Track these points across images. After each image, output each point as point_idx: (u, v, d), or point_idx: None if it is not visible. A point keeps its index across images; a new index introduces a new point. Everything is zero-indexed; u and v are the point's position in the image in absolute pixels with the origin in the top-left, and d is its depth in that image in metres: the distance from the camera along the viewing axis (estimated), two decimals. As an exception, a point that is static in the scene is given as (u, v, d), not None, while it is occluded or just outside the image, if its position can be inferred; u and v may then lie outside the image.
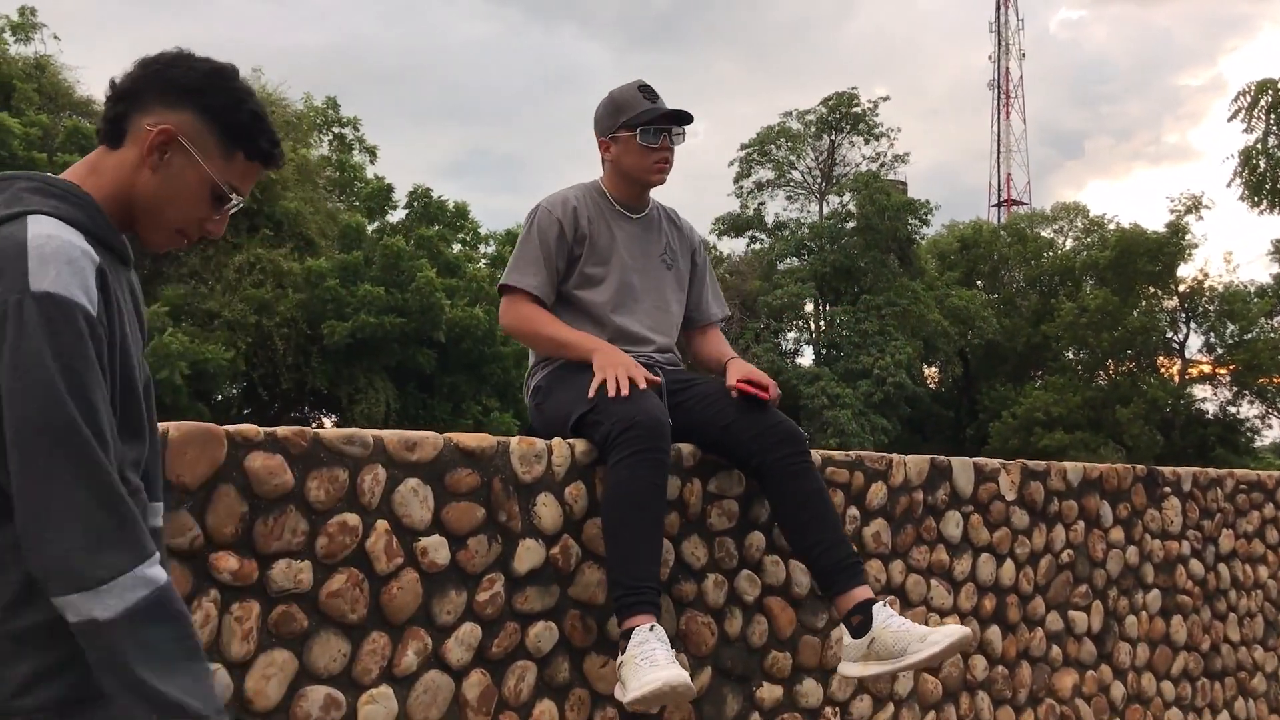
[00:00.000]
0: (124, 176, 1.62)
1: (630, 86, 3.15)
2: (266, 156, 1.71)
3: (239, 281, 19.90)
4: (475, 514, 2.61)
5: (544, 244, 3.07)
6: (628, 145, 3.10)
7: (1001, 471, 3.76)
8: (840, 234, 35.96)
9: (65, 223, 1.50)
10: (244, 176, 1.70)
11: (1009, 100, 77.24)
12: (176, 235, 1.70)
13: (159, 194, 1.63)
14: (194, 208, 1.66)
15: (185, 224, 1.68)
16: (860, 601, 2.75)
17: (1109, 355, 36.75)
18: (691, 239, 3.37)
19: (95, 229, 1.55)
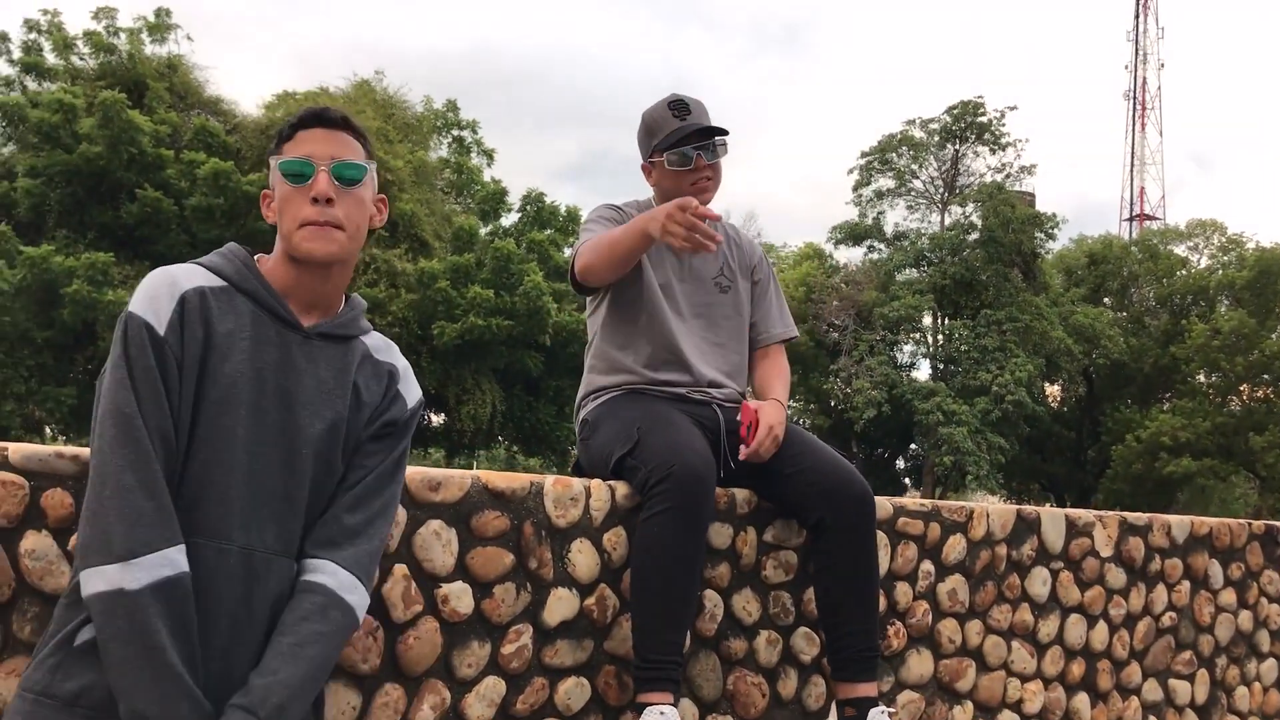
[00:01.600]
0: (278, 246, 1.87)
1: (661, 105, 2.93)
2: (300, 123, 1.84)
3: (354, 281, 20.22)
4: (503, 560, 2.44)
5: (607, 221, 2.89)
6: (663, 170, 2.90)
7: (1097, 525, 3.45)
8: (962, 246, 35.08)
9: (206, 268, 1.80)
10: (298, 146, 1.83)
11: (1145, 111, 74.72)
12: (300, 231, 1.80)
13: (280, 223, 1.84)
14: (289, 202, 1.82)
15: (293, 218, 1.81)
16: (861, 698, 2.61)
17: (1243, 380, 35.15)
18: (752, 256, 3.12)
19: (239, 280, 1.80)
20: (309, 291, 1.84)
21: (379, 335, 1.99)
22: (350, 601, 1.78)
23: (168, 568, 1.61)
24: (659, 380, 2.86)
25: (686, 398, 2.85)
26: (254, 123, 21.97)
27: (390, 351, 1.99)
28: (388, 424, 1.90)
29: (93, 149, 19.09)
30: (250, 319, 1.77)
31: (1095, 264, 40.19)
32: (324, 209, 1.80)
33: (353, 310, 1.93)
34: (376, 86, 24.28)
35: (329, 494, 1.83)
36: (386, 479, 1.89)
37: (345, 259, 1.85)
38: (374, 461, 1.88)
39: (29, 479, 1.95)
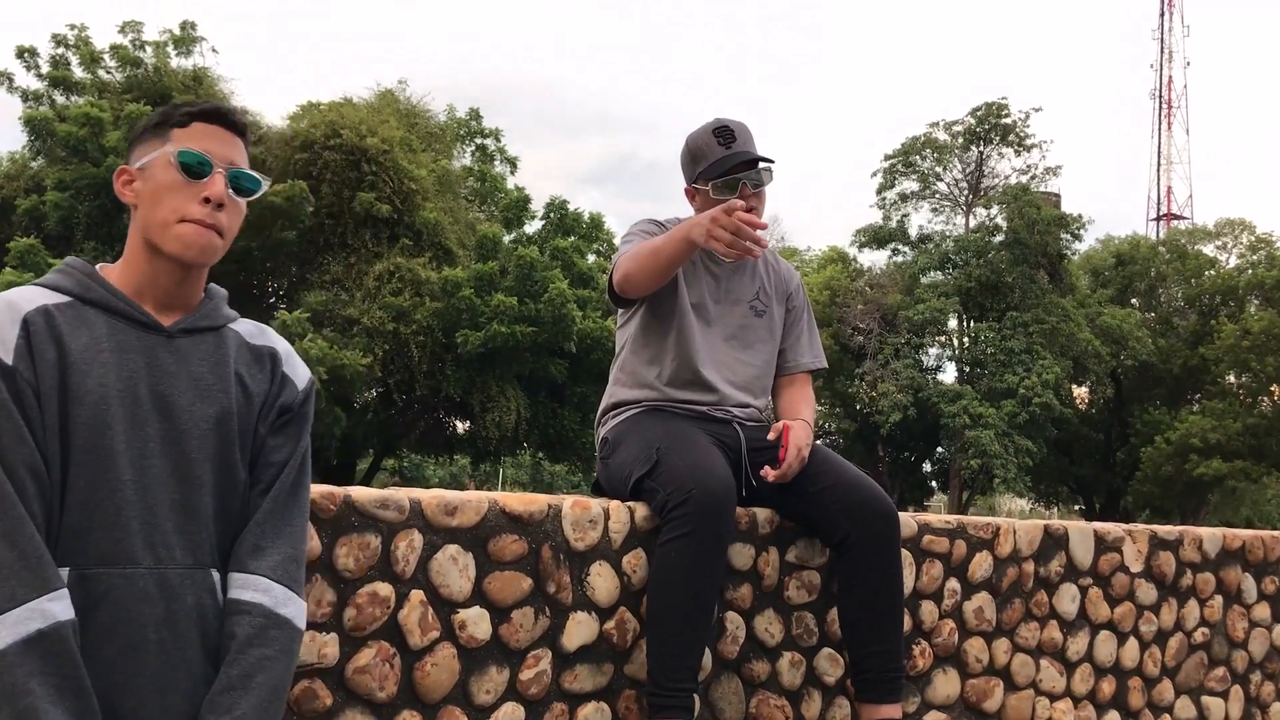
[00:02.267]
0: (131, 235, 1.74)
1: (705, 131, 2.86)
2: (200, 115, 1.75)
3: (379, 290, 20.27)
4: (521, 584, 2.41)
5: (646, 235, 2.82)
6: (707, 197, 2.83)
7: (1126, 540, 3.39)
8: (987, 248, 34.88)
9: (45, 288, 1.70)
10: (195, 137, 1.73)
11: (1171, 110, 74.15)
12: (178, 227, 1.69)
13: (146, 212, 1.72)
14: (170, 193, 1.71)
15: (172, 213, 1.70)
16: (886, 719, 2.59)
17: (1274, 380, 34.76)
18: (789, 282, 3.08)
19: (82, 292, 1.69)
20: (165, 291, 1.73)
21: (250, 321, 1.88)
22: (287, 615, 1.70)
23: (37, 620, 1.49)
24: (682, 399, 2.82)
25: (709, 415, 2.81)
26: (279, 134, 22.06)
27: (266, 335, 1.87)
28: (283, 411, 1.80)
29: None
30: (106, 329, 1.66)
31: (1122, 265, 39.86)
32: (213, 212, 1.70)
33: (213, 300, 1.81)
34: (400, 95, 24.40)
35: (238, 496, 1.74)
36: (299, 473, 1.80)
37: (211, 263, 1.75)
38: (281, 456, 1.78)
39: None
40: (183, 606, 1.64)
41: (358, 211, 20.63)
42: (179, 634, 1.63)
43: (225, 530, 1.73)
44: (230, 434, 1.72)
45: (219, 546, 1.72)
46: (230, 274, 20.95)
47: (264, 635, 1.66)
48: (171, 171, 1.71)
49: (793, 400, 2.98)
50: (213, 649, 1.67)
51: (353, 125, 20.85)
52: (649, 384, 2.85)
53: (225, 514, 1.73)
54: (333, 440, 20.00)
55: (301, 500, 1.80)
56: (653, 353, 2.86)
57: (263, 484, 1.76)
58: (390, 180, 20.69)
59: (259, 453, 1.77)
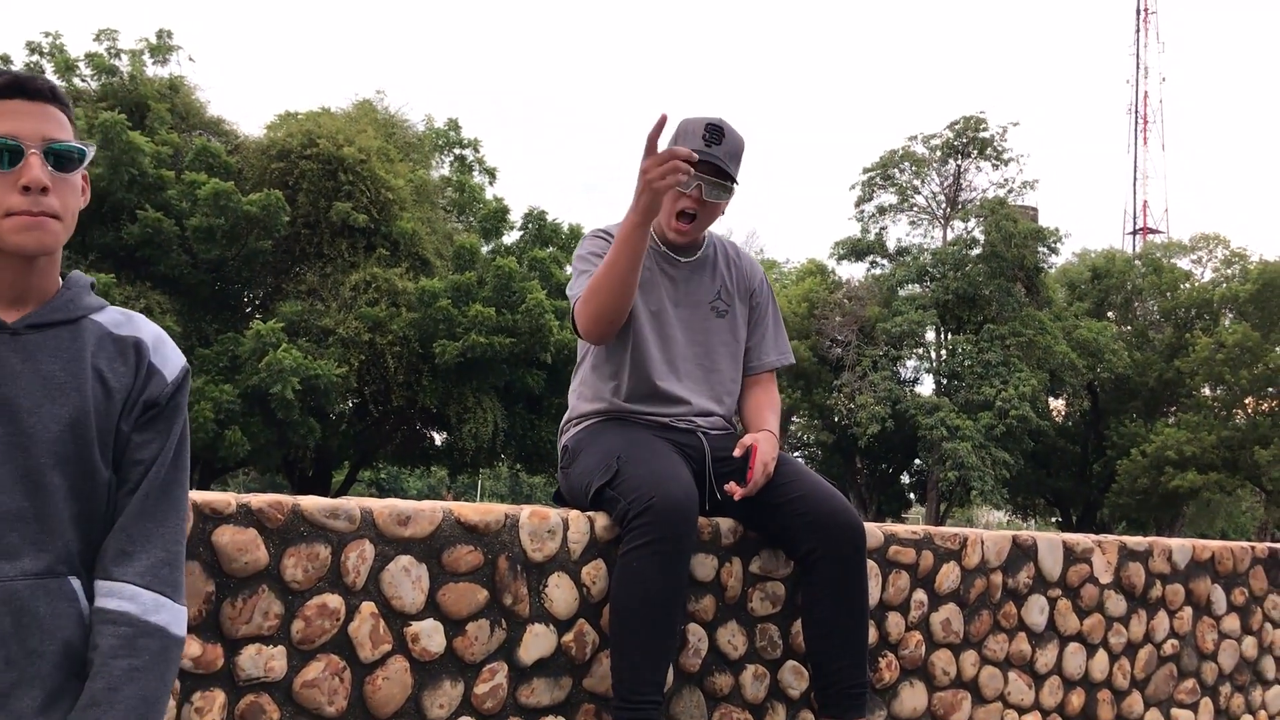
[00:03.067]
0: None
1: (699, 123, 2.77)
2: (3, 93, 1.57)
3: (355, 300, 20.15)
4: (476, 596, 2.36)
5: (596, 256, 2.78)
6: None
7: (1095, 551, 3.36)
8: (964, 261, 35.03)
9: None
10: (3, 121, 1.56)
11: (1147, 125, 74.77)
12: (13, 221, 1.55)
13: None
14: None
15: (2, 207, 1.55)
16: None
17: (1248, 393, 34.99)
18: (753, 278, 3.02)
19: None
20: (10, 286, 1.59)
21: (118, 310, 1.72)
22: (159, 623, 1.57)
23: None
24: (643, 409, 2.77)
25: (671, 425, 2.76)
26: (255, 143, 21.97)
27: (134, 324, 1.71)
28: (149, 405, 1.65)
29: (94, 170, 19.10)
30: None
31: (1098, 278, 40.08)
32: (38, 198, 1.55)
33: (71, 289, 1.66)
34: (378, 105, 24.32)
35: (101, 499, 1.61)
36: (170, 469, 1.66)
37: (58, 250, 1.62)
38: (149, 453, 1.63)
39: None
40: (34, 618, 1.52)
41: (334, 221, 20.51)
42: (30, 649, 1.51)
43: (88, 536, 1.60)
44: (87, 434, 1.59)
45: (81, 553, 1.59)
46: (206, 283, 20.82)
47: (132, 645, 1.54)
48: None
49: (758, 404, 2.93)
50: (77, 661, 1.55)
51: (330, 135, 20.76)
52: (610, 394, 2.80)
53: (87, 519, 1.60)
54: (308, 451, 19.86)
55: (175, 499, 1.66)
56: (612, 368, 2.80)
57: (129, 484, 1.62)
58: (367, 190, 20.59)
59: (123, 451, 1.64)
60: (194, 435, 18.26)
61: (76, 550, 1.58)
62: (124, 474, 1.63)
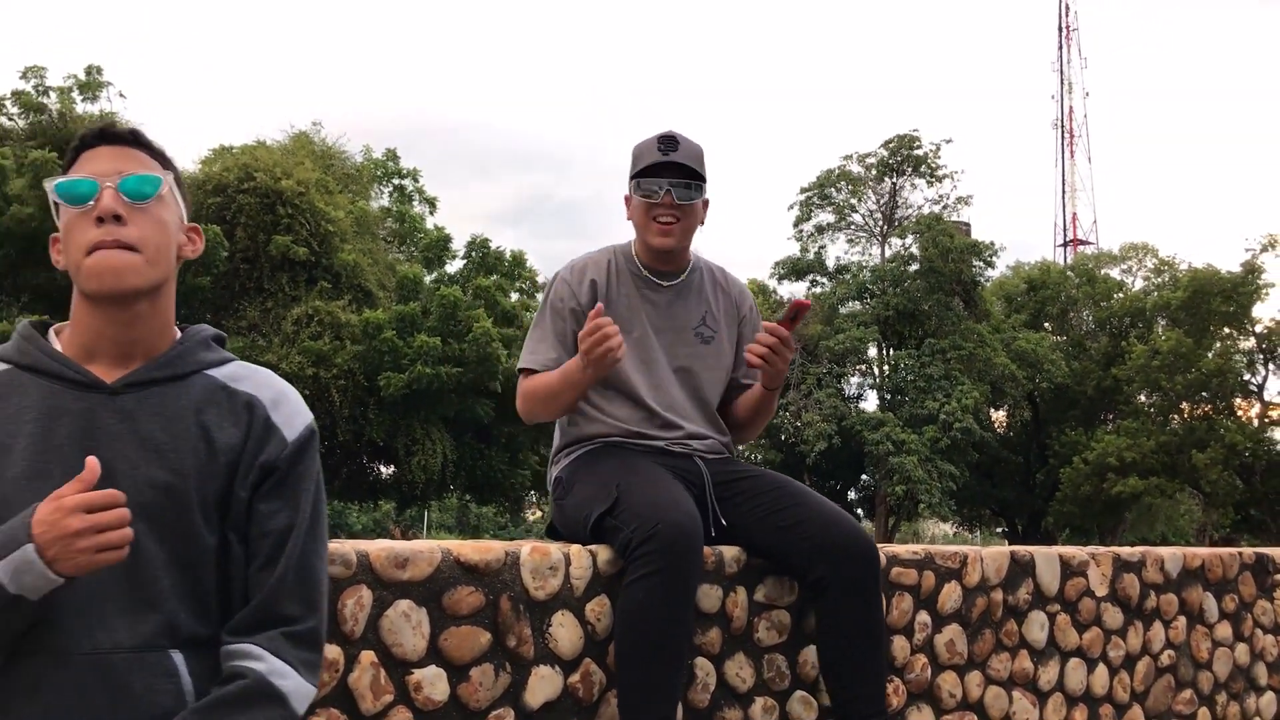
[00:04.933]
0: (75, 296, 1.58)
1: (651, 138, 2.75)
2: (83, 146, 1.61)
3: (297, 334, 19.85)
4: (479, 639, 2.25)
5: (556, 318, 2.73)
6: (634, 201, 2.74)
7: (1091, 564, 3.32)
8: (903, 277, 35.44)
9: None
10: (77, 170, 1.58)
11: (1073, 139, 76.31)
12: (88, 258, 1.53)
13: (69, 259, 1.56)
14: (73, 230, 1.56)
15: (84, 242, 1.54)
16: None
17: (1183, 398, 35.67)
18: (741, 302, 2.95)
19: (17, 356, 1.57)
20: (115, 342, 1.55)
21: (242, 365, 1.66)
22: (282, 689, 1.47)
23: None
24: (636, 436, 2.69)
25: (667, 450, 2.68)
26: (190, 178, 21.60)
27: (253, 379, 1.63)
28: (268, 469, 1.56)
29: (24, 210, 18.60)
30: (39, 394, 1.51)
31: (1034, 290, 40.71)
32: (111, 228, 1.51)
33: (184, 344, 1.61)
34: (315, 137, 24.07)
35: (207, 568, 1.52)
36: (307, 540, 1.56)
37: (147, 288, 1.54)
38: (278, 524, 1.55)
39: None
40: (128, 693, 1.42)
41: (274, 255, 20.23)
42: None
43: (196, 609, 1.51)
44: (185, 498, 1.50)
45: (186, 626, 1.50)
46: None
47: (247, 701, 1.44)
48: (65, 210, 1.55)
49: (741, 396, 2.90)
50: None
51: (267, 168, 20.48)
52: (601, 423, 2.72)
53: (192, 590, 1.51)
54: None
55: (314, 574, 1.57)
56: (599, 394, 2.72)
57: (260, 558, 1.54)
58: (307, 223, 20.33)
59: (248, 520, 1.55)
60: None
61: (181, 622, 1.48)
62: (253, 547, 1.54)
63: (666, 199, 2.67)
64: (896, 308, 34.84)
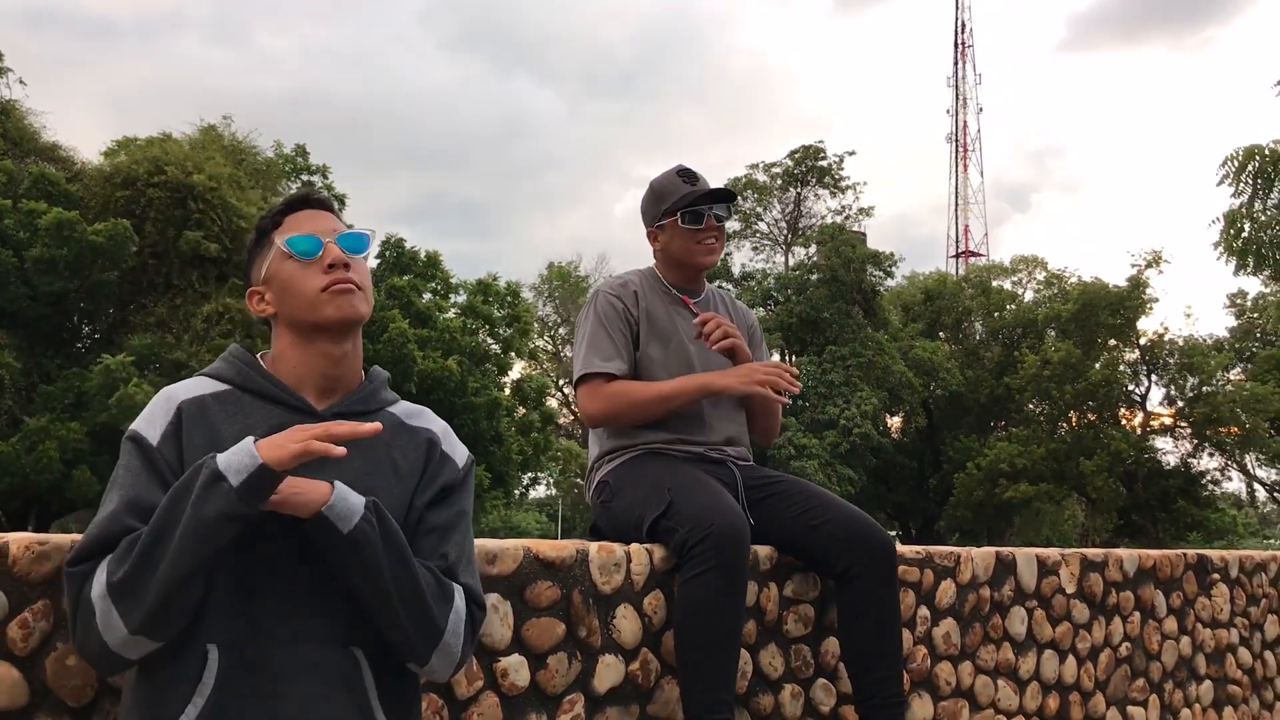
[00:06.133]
0: (277, 334, 1.84)
1: (670, 173, 3.08)
2: (289, 207, 1.86)
3: (207, 331, 19.52)
4: (555, 630, 2.44)
5: (610, 324, 2.95)
6: (674, 231, 3.02)
7: (1062, 564, 3.63)
8: (806, 285, 36.17)
9: (209, 377, 1.80)
10: (293, 227, 1.83)
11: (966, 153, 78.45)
12: (324, 299, 1.76)
13: (286, 309, 1.80)
14: (301, 279, 1.78)
15: (312, 292, 1.77)
16: None
17: (1071, 407, 36.99)
18: (747, 320, 3.24)
19: (241, 380, 1.77)
20: (323, 375, 1.79)
21: (408, 403, 1.92)
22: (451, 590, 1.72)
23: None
24: (676, 443, 2.90)
25: (705, 457, 2.90)
26: (96, 170, 21.07)
27: (424, 416, 1.91)
28: (446, 488, 1.82)
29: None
30: (261, 415, 1.72)
31: (930, 300, 41.83)
32: (340, 272, 1.78)
33: (373, 383, 1.87)
34: (224, 132, 23.66)
35: None
36: (470, 532, 1.84)
37: (367, 318, 1.83)
38: (447, 519, 1.79)
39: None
40: (327, 680, 1.63)
41: (184, 250, 19.87)
42: (322, 712, 1.62)
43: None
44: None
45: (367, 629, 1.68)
46: (46, 317, 19.87)
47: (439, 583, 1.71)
48: (289, 261, 1.79)
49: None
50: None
51: (178, 162, 20.10)
52: (638, 434, 2.92)
53: None
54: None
55: (473, 554, 1.83)
56: None
57: (432, 549, 1.75)
58: (218, 218, 20.02)
59: (419, 525, 1.77)
60: (39, 476, 17.40)
61: (361, 625, 1.67)
62: (423, 542, 1.76)
63: (709, 223, 2.94)
64: (799, 315, 35.55)
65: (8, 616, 1.81)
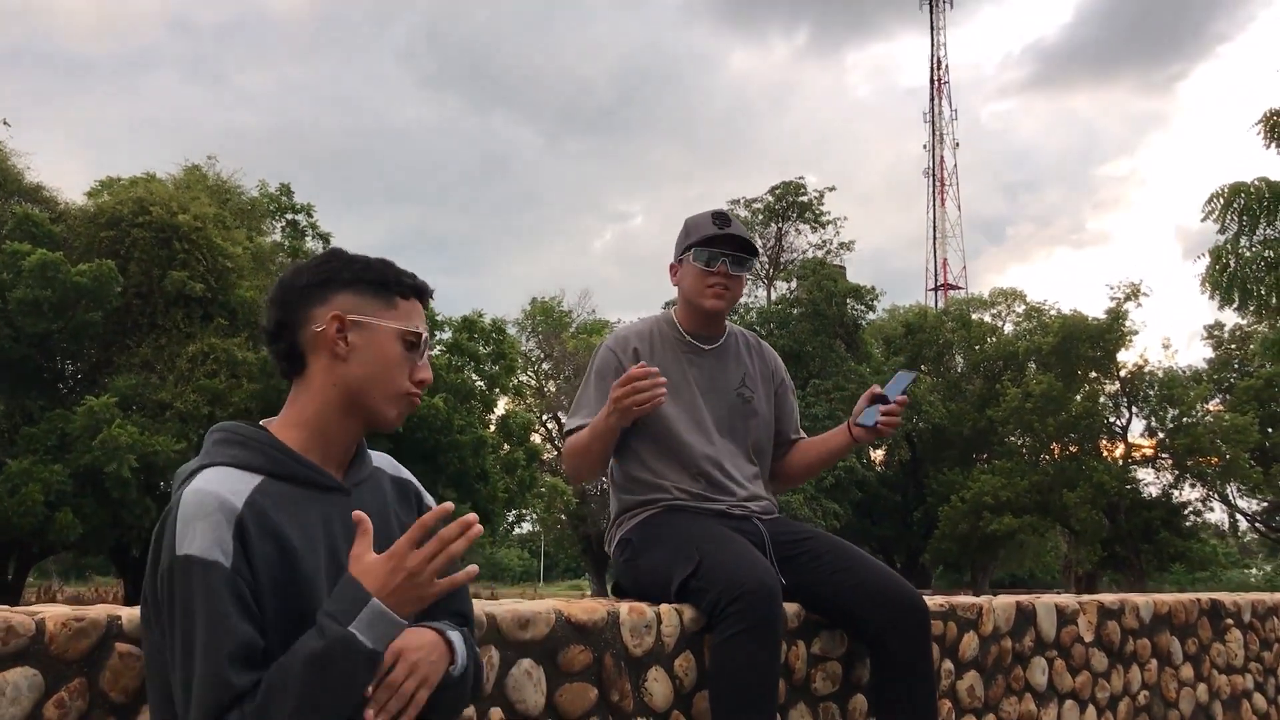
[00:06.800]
0: (320, 389, 1.70)
1: (705, 213, 3.03)
2: (418, 290, 1.79)
3: (192, 372, 19.39)
4: (588, 695, 2.41)
5: (600, 383, 2.92)
6: (688, 269, 2.98)
7: (1080, 612, 3.62)
8: (788, 319, 36.26)
9: (240, 468, 1.61)
10: (412, 317, 1.76)
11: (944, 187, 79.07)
12: (403, 399, 1.74)
13: (364, 374, 1.70)
14: (397, 367, 1.72)
15: (400, 386, 1.73)
16: None
17: (1053, 439, 37.11)
18: (774, 365, 3.21)
19: (274, 467, 1.64)
20: (343, 448, 1.73)
21: (380, 454, 1.88)
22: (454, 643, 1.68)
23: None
24: (698, 499, 2.87)
25: (727, 513, 2.87)
26: (81, 211, 20.98)
27: (397, 467, 1.90)
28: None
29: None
30: (305, 504, 1.64)
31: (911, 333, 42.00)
32: (421, 389, 1.76)
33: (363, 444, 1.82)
34: (209, 171, 23.62)
35: None
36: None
37: None
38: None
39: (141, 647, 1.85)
40: None
41: (169, 291, 19.75)
42: None
43: None
44: None
45: None
46: (29, 358, 19.71)
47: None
48: (399, 346, 1.73)
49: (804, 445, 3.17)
50: None
51: (163, 202, 20.01)
52: (662, 488, 2.88)
53: None
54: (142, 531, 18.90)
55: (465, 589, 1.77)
56: (655, 458, 2.90)
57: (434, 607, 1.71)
58: (204, 258, 19.92)
59: None
60: (22, 520, 17.19)
61: None
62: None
63: (721, 268, 2.91)
64: (782, 349, 35.55)
65: (43, 696, 1.77)
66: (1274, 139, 12.81)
